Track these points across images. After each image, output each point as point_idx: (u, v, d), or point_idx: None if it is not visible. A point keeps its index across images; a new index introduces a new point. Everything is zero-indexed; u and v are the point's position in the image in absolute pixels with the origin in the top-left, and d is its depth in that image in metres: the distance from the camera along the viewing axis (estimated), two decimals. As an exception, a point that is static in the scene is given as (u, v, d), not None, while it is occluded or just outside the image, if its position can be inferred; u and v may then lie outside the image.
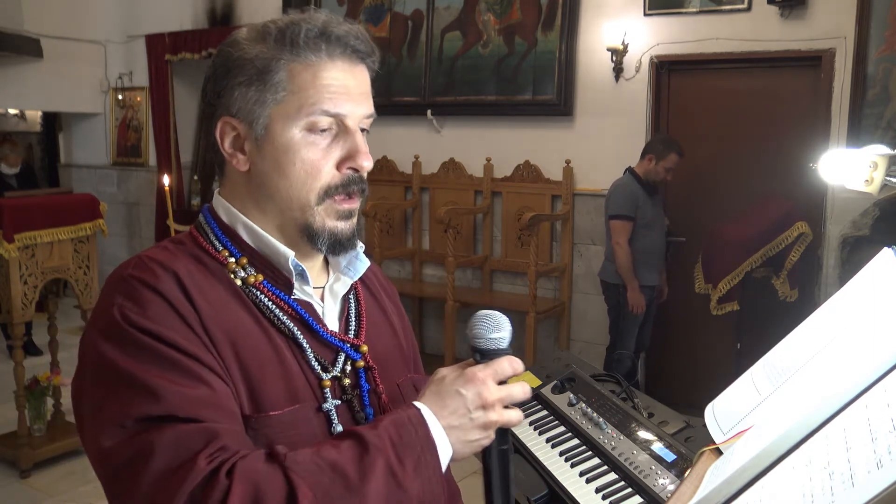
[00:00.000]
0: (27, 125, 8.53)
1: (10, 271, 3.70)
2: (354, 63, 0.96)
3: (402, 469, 0.82)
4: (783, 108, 4.43)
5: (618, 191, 4.30)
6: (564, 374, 1.80)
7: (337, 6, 5.83)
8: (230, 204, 0.99)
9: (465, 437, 0.88)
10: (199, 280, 0.92)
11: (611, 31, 4.70)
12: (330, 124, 0.94)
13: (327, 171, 0.95)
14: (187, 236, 0.99)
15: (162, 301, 0.88)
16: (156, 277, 0.89)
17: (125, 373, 0.83)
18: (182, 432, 0.80)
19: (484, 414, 0.88)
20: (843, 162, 1.27)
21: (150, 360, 0.84)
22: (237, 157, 0.97)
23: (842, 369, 0.86)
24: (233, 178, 0.99)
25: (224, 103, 0.95)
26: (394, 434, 0.84)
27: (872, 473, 0.67)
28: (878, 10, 4.00)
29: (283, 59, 0.93)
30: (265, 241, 0.98)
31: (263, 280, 0.97)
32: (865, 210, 4.06)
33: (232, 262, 0.96)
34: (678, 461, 1.42)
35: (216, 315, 0.90)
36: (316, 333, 0.98)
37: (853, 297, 1.02)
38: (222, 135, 0.96)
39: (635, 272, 4.25)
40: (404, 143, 5.60)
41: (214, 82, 0.96)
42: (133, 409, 0.81)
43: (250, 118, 0.94)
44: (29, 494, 3.73)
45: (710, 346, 4.74)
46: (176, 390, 0.82)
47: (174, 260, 0.93)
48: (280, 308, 0.96)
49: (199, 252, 0.96)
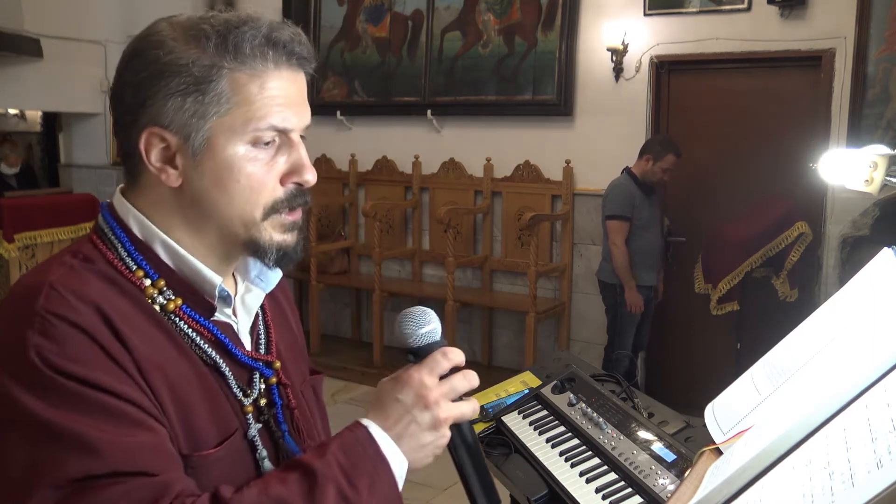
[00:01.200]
0: (27, 125, 8.53)
1: (10, 271, 3.70)
2: (296, 70, 0.89)
3: (354, 492, 0.79)
4: (783, 108, 4.43)
5: (614, 191, 4.30)
6: (564, 374, 1.80)
7: (337, 6, 5.84)
8: (147, 217, 0.88)
9: (417, 442, 0.85)
10: (122, 309, 0.82)
11: (611, 31, 4.70)
12: (273, 137, 0.87)
13: (272, 187, 0.88)
14: (91, 249, 0.87)
15: (85, 338, 0.77)
16: (75, 311, 0.78)
17: (53, 427, 0.73)
18: (130, 488, 0.73)
19: (429, 414, 0.84)
20: (843, 162, 1.27)
21: (80, 410, 0.75)
22: (167, 171, 0.86)
23: (842, 369, 0.86)
24: (155, 191, 0.88)
25: (150, 113, 0.85)
26: (342, 458, 0.81)
27: (872, 473, 0.67)
28: (878, 10, 4.00)
29: (224, 67, 0.84)
30: (188, 264, 0.89)
31: (182, 305, 0.88)
32: (865, 210, 4.06)
33: (148, 284, 0.87)
34: (678, 461, 1.42)
35: (145, 349, 0.81)
36: (234, 357, 0.92)
37: (853, 297, 1.02)
38: (148, 146, 0.86)
39: (632, 272, 4.25)
40: (404, 143, 5.60)
41: (136, 88, 0.85)
42: (69, 469, 0.72)
43: (186, 131, 0.85)
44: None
45: (709, 346, 4.74)
46: (115, 441, 0.74)
47: (88, 286, 0.82)
48: (199, 334, 0.89)
49: (112, 272, 0.85)
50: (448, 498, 3.61)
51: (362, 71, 5.74)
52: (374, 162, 5.80)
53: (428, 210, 5.60)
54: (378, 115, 5.74)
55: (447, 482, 3.72)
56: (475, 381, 0.89)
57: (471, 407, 0.88)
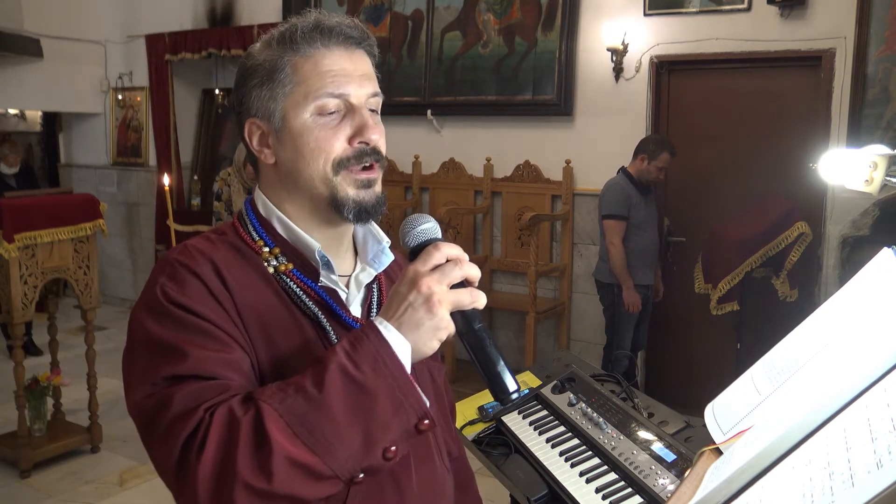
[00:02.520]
0: (27, 125, 8.53)
1: (10, 271, 3.70)
2: (350, 48, 1.05)
3: (359, 372, 0.87)
4: (783, 108, 4.43)
5: (610, 190, 4.31)
6: (564, 374, 1.80)
7: (337, 6, 5.84)
8: (267, 197, 1.09)
9: (415, 323, 0.91)
10: (235, 267, 1.01)
11: (611, 31, 4.70)
12: (337, 106, 1.03)
13: (339, 146, 1.03)
14: (229, 227, 1.10)
15: (199, 282, 0.97)
16: (196, 262, 0.99)
17: (161, 340, 0.93)
18: (199, 387, 0.89)
19: (421, 297, 0.90)
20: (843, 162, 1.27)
21: (182, 330, 0.93)
22: (264, 152, 1.07)
23: (842, 369, 0.86)
24: (266, 173, 1.09)
25: (246, 108, 1.06)
26: (347, 345, 0.89)
27: (872, 473, 0.67)
28: (878, 10, 4.00)
29: (285, 57, 1.03)
30: (295, 234, 1.07)
31: (293, 269, 1.05)
32: (865, 210, 4.06)
33: (266, 251, 1.06)
34: (678, 461, 1.42)
35: (248, 298, 0.99)
36: (339, 318, 1.06)
37: (853, 297, 1.02)
38: (250, 135, 1.07)
39: (630, 271, 4.25)
40: (404, 143, 5.60)
41: (236, 91, 1.08)
42: (163, 370, 0.91)
43: (268, 114, 1.04)
44: (29, 494, 3.73)
45: (710, 346, 4.74)
46: (200, 353, 0.91)
47: (214, 249, 1.02)
48: (307, 294, 1.05)
49: (238, 241, 1.06)
50: (448, 498, 3.60)
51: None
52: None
53: (428, 210, 5.60)
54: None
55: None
56: (470, 269, 0.95)
57: (468, 294, 0.93)
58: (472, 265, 0.95)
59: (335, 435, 0.85)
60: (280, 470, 0.83)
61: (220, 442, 0.84)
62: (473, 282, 0.96)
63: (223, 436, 0.84)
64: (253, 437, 0.84)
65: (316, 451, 0.84)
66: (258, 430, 0.84)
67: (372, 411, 0.86)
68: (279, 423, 0.84)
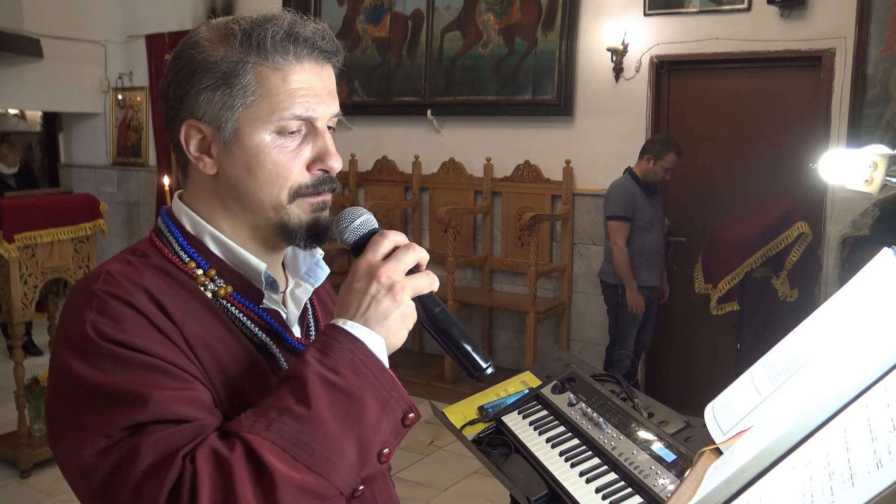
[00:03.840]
0: (27, 125, 8.53)
1: (10, 271, 3.70)
2: (321, 63, 0.95)
3: (340, 378, 0.82)
4: (783, 108, 4.43)
5: (615, 191, 4.31)
6: (564, 374, 1.80)
7: (337, 6, 5.84)
8: (195, 211, 0.98)
9: (381, 315, 0.86)
10: (170, 294, 0.90)
11: (611, 31, 4.70)
12: (299, 126, 0.94)
13: (298, 172, 0.94)
14: (149, 247, 0.97)
15: (135, 314, 0.86)
16: (126, 291, 0.87)
17: (105, 388, 0.81)
18: (169, 433, 0.80)
19: (382, 287, 0.87)
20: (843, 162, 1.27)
21: (131, 371, 0.82)
22: (204, 160, 0.95)
23: (842, 369, 0.86)
24: (199, 182, 0.98)
25: (188, 107, 0.94)
26: (318, 355, 0.84)
27: (872, 473, 0.67)
28: (878, 10, 4.00)
29: (249, 62, 0.92)
30: (235, 253, 0.97)
31: (233, 292, 0.96)
32: (865, 210, 4.06)
33: (200, 274, 0.95)
34: (678, 461, 1.42)
35: (192, 327, 0.89)
36: (284, 341, 0.99)
37: (853, 297, 1.02)
38: (187, 138, 0.95)
39: (634, 273, 4.25)
40: (404, 143, 5.60)
41: (176, 85, 0.95)
42: (118, 419, 0.80)
43: (218, 122, 0.93)
44: (29, 494, 3.73)
45: (709, 346, 4.74)
46: (161, 394, 0.81)
47: (140, 274, 0.91)
48: (250, 319, 0.96)
49: (165, 263, 0.95)
50: (448, 498, 3.61)
51: (362, 71, 5.74)
52: (374, 162, 5.80)
53: (428, 210, 5.60)
54: (378, 115, 5.74)
55: (447, 482, 3.72)
56: (421, 252, 0.91)
57: (427, 278, 0.90)
58: (420, 248, 0.91)
59: (333, 450, 0.80)
60: (288, 499, 0.78)
61: (214, 490, 0.77)
62: (424, 264, 0.92)
63: (216, 482, 0.77)
64: (251, 472, 0.77)
65: (320, 472, 0.80)
66: (254, 464, 0.78)
67: (362, 416, 0.82)
68: (275, 451, 0.78)
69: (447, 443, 4.13)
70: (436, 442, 4.17)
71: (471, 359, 0.93)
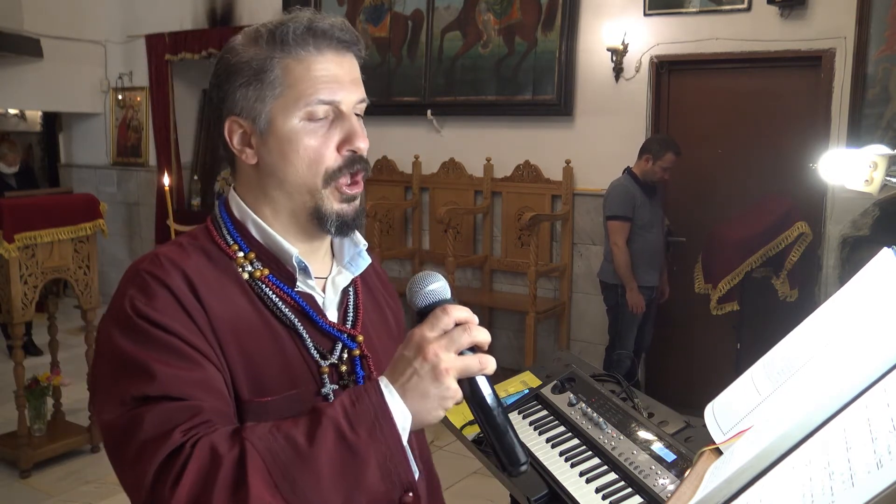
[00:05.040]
0: (27, 125, 8.53)
1: (10, 271, 3.70)
2: (342, 53, 1.04)
3: (354, 435, 0.84)
4: (783, 108, 4.43)
5: (615, 191, 4.30)
6: (564, 374, 1.80)
7: (337, 6, 5.84)
8: (242, 199, 1.07)
9: (420, 393, 0.86)
10: (207, 275, 1.00)
11: (611, 31, 4.70)
12: (326, 112, 1.02)
13: (329, 155, 1.02)
14: (202, 230, 1.08)
15: (168, 294, 0.95)
16: (165, 273, 0.97)
17: (129, 357, 0.91)
18: (170, 408, 0.88)
19: (428, 364, 0.86)
20: (843, 162, 1.27)
21: (151, 346, 0.91)
22: (245, 152, 1.05)
23: (842, 369, 0.86)
24: (244, 173, 1.07)
25: (228, 105, 1.04)
26: (347, 403, 0.86)
27: (872, 473, 0.67)
28: (878, 10, 4.00)
29: (275, 57, 1.01)
30: (271, 238, 1.05)
31: (269, 274, 1.04)
32: (865, 210, 4.06)
33: (240, 256, 1.04)
34: (678, 461, 1.42)
35: (221, 308, 0.98)
36: (315, 324, 1.06)
37: (853, 297, 1.02)
38: (230, 133, 1.05)
39: (634, 273, 4.25)
40: (404, 143, 5.60)
41: (218, 88, 1.05)
42: (132, 389, 0.89)
43: (253, 115, 1.02)
44: (29, 494, 3.73)
45: (710, 346, 4.74)
46: (170, 373, 0.90)
47: (185, 257, 1.00)
48: (283, 300, 1.04)
49: (211, 246, 1.05)
50: (448, 498, 3.60)
51: (362, 71, 5.73)
52: (374, 162, 5.80)
53: (428, 210, 5.60)
54: (378, 115, 5.73)
55: (447, 482, 3.72)
56: (479, 334, 0.89)
57: (476, 360, 0.88)
58: (481, 329, 0.90)
59: (316, 492, 0.82)
60: None
61: (197, 479, 0.82)
62: (483, 347, 0.90)
63: (202, 473, 0.82)
64: (232, 480, 0.81)
65: None
66: (238, 474, 0.81)
67: (359, 476, 0.83)
68: (262, 471, 0.81)
69: (447, 443, 4.13)
70: (436, 442, 4.17)
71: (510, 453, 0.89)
